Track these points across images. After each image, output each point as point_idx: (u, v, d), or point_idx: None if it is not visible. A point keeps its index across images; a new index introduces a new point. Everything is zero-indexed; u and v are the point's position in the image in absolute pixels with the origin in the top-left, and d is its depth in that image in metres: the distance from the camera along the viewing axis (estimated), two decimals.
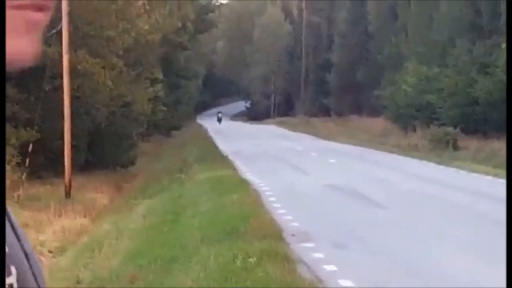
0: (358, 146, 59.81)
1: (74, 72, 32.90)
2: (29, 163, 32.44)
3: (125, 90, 39.67)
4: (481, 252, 17.50)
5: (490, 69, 52.14)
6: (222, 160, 46.01)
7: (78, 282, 16.30)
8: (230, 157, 48.59)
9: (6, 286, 1.19)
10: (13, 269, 1.21)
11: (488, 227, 21.02)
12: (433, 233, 19.85)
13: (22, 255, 1.25)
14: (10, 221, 1.21)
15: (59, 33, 32.31)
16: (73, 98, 33.31)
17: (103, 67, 36.05)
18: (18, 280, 1.20)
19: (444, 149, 49.42)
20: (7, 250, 1.18)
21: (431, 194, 28.03)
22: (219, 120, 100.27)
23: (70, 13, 33.14)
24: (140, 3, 40.39)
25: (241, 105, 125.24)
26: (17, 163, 32.22)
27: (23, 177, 32.01)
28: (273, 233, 18.97)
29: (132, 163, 46.09)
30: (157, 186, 36.61)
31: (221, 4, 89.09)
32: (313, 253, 16.11)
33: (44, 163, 34.26)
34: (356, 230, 19.43)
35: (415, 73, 62.41)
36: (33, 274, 1.27)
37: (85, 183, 35.24)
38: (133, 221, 25.72)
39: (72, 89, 33.31)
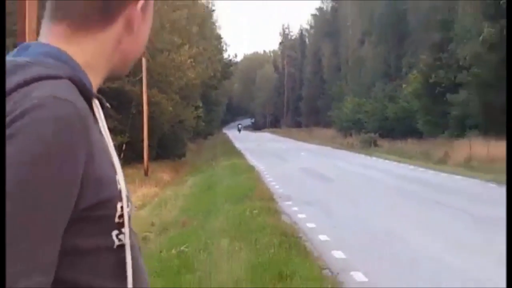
0: (318, 145, 59.08)
1: (149, 102, 32.86)
2: (123, 156, 31.80)
3: (180, 113, 39.80)
4: (385, 204, 17.10)
5: (395, 100, 53.01)
6: (237, 153, 45.88)
7: (152, 225, 16.08)
8: (242, 151, 48.13)
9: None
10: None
11: (391, 190, 20.91)
12: (360, 194, 19.81)
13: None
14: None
15: (141, 78, 32.07)
16: (149, 118, 33.02)
17: (167, 99, 36.14)
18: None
19: (368, 147, 48.78)
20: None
21: (360, 173, 27.91)
22: (239, 130, 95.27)
23: (147, 67, 32.80)
24: (188, 61, 39.36)
25: (248, 121, 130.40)
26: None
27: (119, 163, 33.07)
28: (268, 196, 18.50)
29: (184, 155, 45.75)
30: (198, 169, 35.99)
31: (237, 62, 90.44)
32: (291, 208, 16.13)
33: (132, 156, 33.13)
34: (316, 194, 19.25)
35: (351, 102, 63.44)
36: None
37: (156, 168, 34.51)
38: (184, 190, 25.40)
39: (148, 112, 33.10)
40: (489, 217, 14.17)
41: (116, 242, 1.17)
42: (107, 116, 1.29)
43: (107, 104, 1.26)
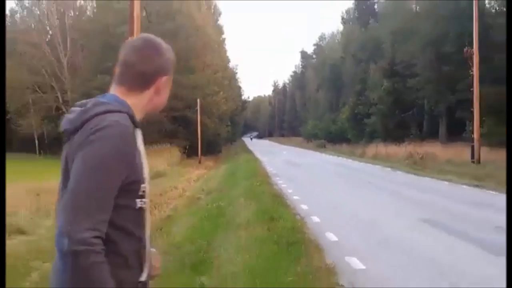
0: (293, 147, 59.45)
1: (202, 123, 30.98)
2: (186, 153, 30.24)
3: (218, 129, 39.08)
4: (330, 178, 16.44)
5: (336, 122, 51.72)
6: (249, 152, 45.03)
7: (202, 190, 15.44)
8: (252, 150, 47.44)
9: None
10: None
11: (333, 171, 20.07)
12: (316, 174, 19.22)
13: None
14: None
15: (197, 110, 29.93)
16: (202, 131, 29.97)
17: (211, 121, 35.06)
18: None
19: (321, 148, 47.75)
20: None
21: (317, 163, 26.23)
22: (251, 138, 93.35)
23: (200, 104, 29.93)
24: (222, 100, 38.22)
25: (255, 133, 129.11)
26: (182, 153, 29.91)
27: (185, 157, 30.18)
28: (265, 175, 17.73)
29: (220, 152, 45.91)
30: (228, 160, 35.61)
31: (249, 100, 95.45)
32: (279, 181, 15.06)
33: (192, 153, 30.42)
34: (294, 174, 18.42)
35: (311, 123, 62.73)
36: None
37: (205, 159, 32.82)
38: (220, 172, 25.68)
39: (201, 128, 30.32)
40: (390, 188, 12.92)
41: (138, 205, 1.28)
42: (147, 135, 1.61)
43: (140, 131, 1.39)
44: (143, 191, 1.30)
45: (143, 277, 1.29)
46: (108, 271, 1.14)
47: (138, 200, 1.27)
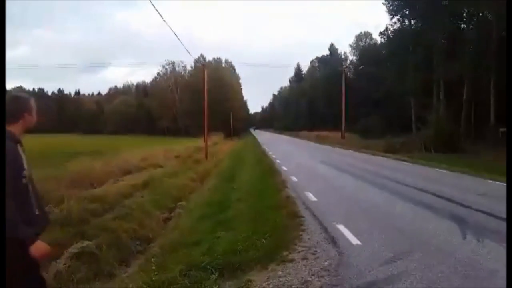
0: (270, 133, 65.70)
1: (232, 123, 44.12)
2: (226, 136, 37.16)
3: (238, 125, 51.98)
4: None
5: (287, 123, 59.93)
6: (253, 136, 49.71)
7: (230, 152, 18.05)
8: (254, 134, 54.75)
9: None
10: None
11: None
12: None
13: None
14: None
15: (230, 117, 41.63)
16: (233, 127, 44.28)
17: (236, 122, 46.90)
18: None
19: (281, 132, 57.47)
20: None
21: (278, 137, 37.70)
22: (254, 129, 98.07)
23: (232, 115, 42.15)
24: (239, 110, 51.18)
25: (254, 127, 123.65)
26: (224, 136, 36.76)
27: (225, 137, 35.03)
28: (257, 142, 24.30)
29: (239, 135, 47.08)
30: (242, 139, 40.47)
31: (251, 113, 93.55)
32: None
33: (228, 136, 38.44)
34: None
35: (277, 123, 71.36)
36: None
37: (234, 138, 40.47)
38: (238, 144, 29.17)
39: (232, 125, 42.45)
40: (309, 146, 16.91)
41: (23, 182, 1.70)
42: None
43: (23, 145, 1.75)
44: (25, 175, 1.72)
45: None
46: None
47: (23, 180, 1.74)
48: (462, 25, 21.07)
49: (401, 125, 25.21)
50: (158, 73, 62.20)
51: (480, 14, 19.39)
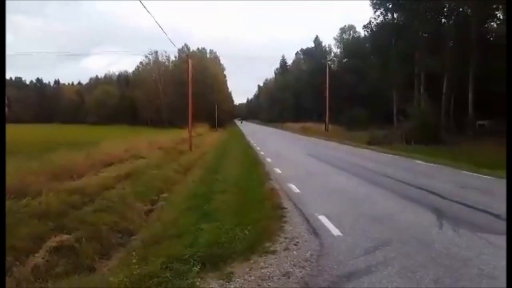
0: (254, 124, 66.41)
1: (217, 114, 44.22)
2: (211, 127, 38.35)
3: (223, 116, 50.88)
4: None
5: (270, 115, 59.81)
6: (238, 127, 49.34)
7: (218, 140, 18.43)
8: (240, 126, 53.79)
9: None
10: None
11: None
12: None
13: None
14: None
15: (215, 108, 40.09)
16: (217, 117, 43.70)
17: (221, 113, 46.93)
18: None
19: (264, 124, 58.63)
20: None
21: (262, 127, 37.75)
22: (241, 121, 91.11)
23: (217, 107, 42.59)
24: (225, 102, 52.70)
25: (239, 118, 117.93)
26: (210, 127, 37.11)
27: (210, 128, 35.33)
28: (241, 131, 24.48)
29: (224, 126, 47.31)
30: (225, 129, 41.63)
31: (236, 104, 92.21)
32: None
33: (213, 126, 39.54)
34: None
35: (261, 115, 72.79)
36: None
37: (218, 129, 39.52)
38: (224, 134, 29.93)
39: (217, 116, 42.42)
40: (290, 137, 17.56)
41: None
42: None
43: None
44: None
45: None
46: None
47: None
48: (443, 20, 21.20)
49: (385, 117, 25.69)
50: (141, 62, 60.48)
51: (460, 9, 19.84)
